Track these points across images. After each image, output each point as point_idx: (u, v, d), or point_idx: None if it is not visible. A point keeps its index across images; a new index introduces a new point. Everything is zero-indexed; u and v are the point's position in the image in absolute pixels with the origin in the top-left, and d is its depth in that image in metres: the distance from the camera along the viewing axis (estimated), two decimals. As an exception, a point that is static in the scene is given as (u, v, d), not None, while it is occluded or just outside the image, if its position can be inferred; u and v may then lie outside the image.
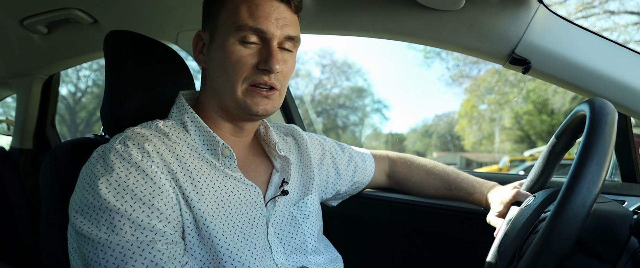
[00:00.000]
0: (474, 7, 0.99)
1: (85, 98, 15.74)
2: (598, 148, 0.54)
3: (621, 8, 11.89)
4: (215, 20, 0.80)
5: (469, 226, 1.22)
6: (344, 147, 1.15)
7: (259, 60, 0.77)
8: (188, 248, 0.73)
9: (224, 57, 0.77)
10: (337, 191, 1.11)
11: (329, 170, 1.09)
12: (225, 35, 0.78)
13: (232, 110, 0.81)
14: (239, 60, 0.77)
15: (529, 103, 17.78)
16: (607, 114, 0.58)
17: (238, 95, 0.78)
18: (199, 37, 0.85)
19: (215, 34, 0.80)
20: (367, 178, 1.17)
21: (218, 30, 0.79)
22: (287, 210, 0.90)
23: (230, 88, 0.78)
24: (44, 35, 1.45)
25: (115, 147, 0.72)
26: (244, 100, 0.78)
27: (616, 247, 0.61)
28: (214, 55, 0.80)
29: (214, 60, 0.80)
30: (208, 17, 0.83)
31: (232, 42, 0.77)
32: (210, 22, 0.82)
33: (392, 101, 46.73)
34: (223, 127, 0.86)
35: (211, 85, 0.83)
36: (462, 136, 22.20)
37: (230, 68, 0.77)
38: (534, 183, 0.87)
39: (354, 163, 1.13)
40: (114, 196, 0.66)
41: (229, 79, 0.78)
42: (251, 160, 0.92)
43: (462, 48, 1.05)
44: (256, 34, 0.77)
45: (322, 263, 0.93)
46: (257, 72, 0.77)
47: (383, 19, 1.10)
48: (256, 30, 0.76)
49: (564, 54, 0.93)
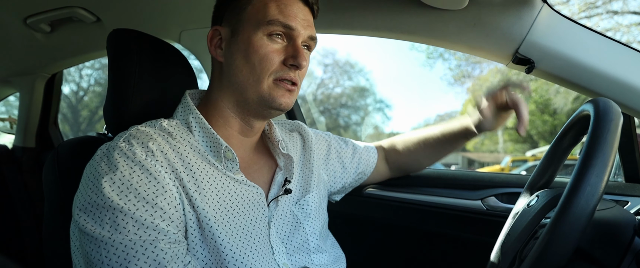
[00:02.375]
0: (478, 6, 0.99)
1: (87, 97, 15.78)
2: (598, 158, 0.53)
3: (624, 8, 11.85)
4: (239, 15, 0.81)
5: (472, 226, 1.22)
6: (347, 141, 1.17)
7: (286, 56, 0.80)
8: (191, 248, 0.73)
9: (250, 51, 0.79)
10: (342, 185, 1.12)
11: (335, 165, 1.10)
12: (253, 30, 0.79)
13: (252, 105, 0.82)
14: (267, 55, 0.79)
15: (531, 103, 17.73)
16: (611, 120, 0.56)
17: (263, 88, 0.79)
18: (216, 32, 0.84)
19: (238, 28, 0.81)
20: (370, 168, 1.18)
21: (243, 25, 0.81)
22: (288, 209, 0.90)
23: (256, 81, 0.79)
24: (47, 33, 1.45)
25: (120, 145, 0.72)
26: (269, 92, 0.80)
27: (618, 251, 0.61)
28: (235, 49, 0.81)
29: (235, 54, 0.81)
30: (229, 13, 0.83)
31: (260, 37, 0.79)
32: (231, 17, 0.83)
33: (394, 101, 46.72)
34: (233, 125, 0.86)
35: (230, 79, 0.82)
36: (464, 136, 22.14)
37: (257, 62, 0.79)
38: (538, 181, 0.87)
39: (358, 155, 1.15)
40: (117, 195, 0.66)
41: (255, 72, 0.79)
42: (256, 160, 0.92)
43: (466, 47, 1.05)
44: (285, 30, 0.80)
45: (324, 264, 0.92)
46: (283, 67, 0.80)
47: (386, 18, 1.10)
48: (286, 26, 0.79)
49: (567, 53, 0.93)
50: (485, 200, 1.22)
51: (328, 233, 1.02)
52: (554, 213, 0.54)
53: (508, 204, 1.19)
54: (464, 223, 1.23)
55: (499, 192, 1.22)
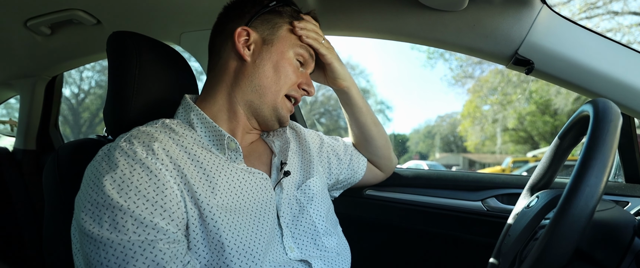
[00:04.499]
0: (477, 7, 0.99)
1: (88, 99, 15.80)
2: (598, 159, 0.52)
3: (625, 9, 11.85)
4: (275, 29, 0.90)
5: (472, 227, 1.22)
6: (337, 138, 1.19)
7: (301, 81, 0.92)
8: (192, 246, 0.73)
9: (281, 64, 0.88)
10: (337, 179, 1.13)
11: (329, 156, 1.11)
12: (288, 47, 0.89)
13: (264, 110, 0.88)
14: (293, 72, 0.90)
15: (531, 104, 17.74)
16: (610, 121, 0.56)
17: (278, 99, 0.89)
18: (244, 32, 0.88)
19: (273, 40, 0.89)
20: (363, 165, 1.19)
21: (279, 40, 0.89)
22: (291, 194, 0.92)
23: (276, 91, 0.88)
24: (48, 36, 1.45)
25: (121, 145, 0.72)
26: (281, 104, 0.90)
27: (618, 251, 0.61)
28: (267, 57, 0.88)
29: (266, 60, 0.88)
30: (261, 21, 0.89)
31: (291, 55, 0.90)
32: (266, 28, 0.89)
33: (395, 102, 46.73)
34: (240, 119, 0.89)
35: (252, 80, 0.87)
36: (465, 137, 22.19)
37: (283, 74, 0.88)
38: (538, 182, 0.87)
39: (350, 150, 1.17)
40: (117, 193, 0.66)
41: (278, 82, 0.88)
42: (253, 149, 0.95)
43: (465, 49, 1.05)
44: (309, 58, 0.94)
45: (334, 246, 0.93)
46: (297, 89, 0.92)
47: (386, 20, 1.10)
48: (311, 56, 0.94)
49: (567, 54, 0.93)
50: (485, 201, 1.22)
51: (336, 220, 1.03)
52: (554, 214, 0.54)
53: (508, 205, 1.19)
54: (465, 224, 1.23)
55: (499, 193, 1.22)
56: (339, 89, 1.06)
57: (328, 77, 1.04)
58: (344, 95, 1.08)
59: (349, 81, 1.06)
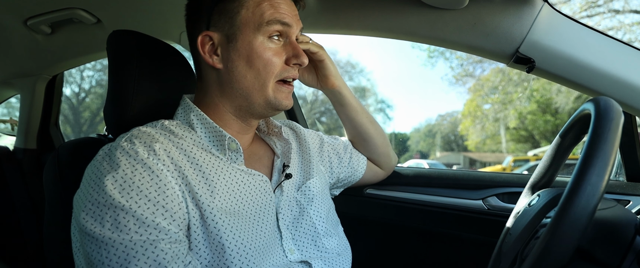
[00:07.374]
0: (478, 5, 0.98)
1: (88, 98, 15.80)
2: (599, 157, 0.52)
3: (626, 7, 11.83)
4: (232, 20, 0.79)
5: (473, 226, 1.22)
6: (337, 137, 1.19)
7: (287, 56, 0.82)
8: (193, 246, 0.73)
9: (253, 57, 0.79)
10: (337, 177, 1.13)
11: (331, 155, 1.11)
12: (252, 34, 0.79)
13: (257, 108, 0.83)
14: (270, 58, 0.80)
15: (532, 103, 17.73)
16: (611, 119, 0.56)
17: (269, 91, 0.81)
18: (206, 38, 0.81)
19: (235, 34, 0.79)
20: (363, 163, 1.19)
21: (240, 30, 0.79)
22: (292, 196, 0.92)
23: (261, 86, 0.81)
24: (48, 35, 1.45)
25: (122, 145, 0.72)
26: (274, 96, 0.82)
27: (620, 250, 0.61)
28: (236, 56, 0.79)
29: (236, 60, 0.80)
30: (217, 17, 0.80)
31: (260, 41, 0.79)
32: (223, 23, 0.80)
33: (395, 101, 46.70)
34: (232, 126, 0.87)
35: (233, 86, 0.81)
36: (466, 136, 22.18)
37: (261, 66, 0.79)
38: (539, 181, 0.87)
39: (350, 149, 1.17)
40: (119, 192, 0.66)
41: (260, 77, 0.80)
42: (254, 151, 0.94)
43: (466, 47, 1.05)
44: (283, 28, 0.80)
45: (335, 247, 0.93)
46: (286, 67, 0.82)
47: (386, 18, 1.09)
48: (284, 24, 0.80)
49: (568, 52, 0.92)
50: (486, 199, 1.22)
51: (337, 220, 1.03)
52: (555, 212, 0.54)
53: (509, 204, 1.19)
54: (466, 223, 1.23)
55: (500, 191, 1.22)
56: (332, 88, 1.05)
57: (320, 76, 1.03)
58: (338, 95, 1.07)
59: (340, 80, 1.05)
